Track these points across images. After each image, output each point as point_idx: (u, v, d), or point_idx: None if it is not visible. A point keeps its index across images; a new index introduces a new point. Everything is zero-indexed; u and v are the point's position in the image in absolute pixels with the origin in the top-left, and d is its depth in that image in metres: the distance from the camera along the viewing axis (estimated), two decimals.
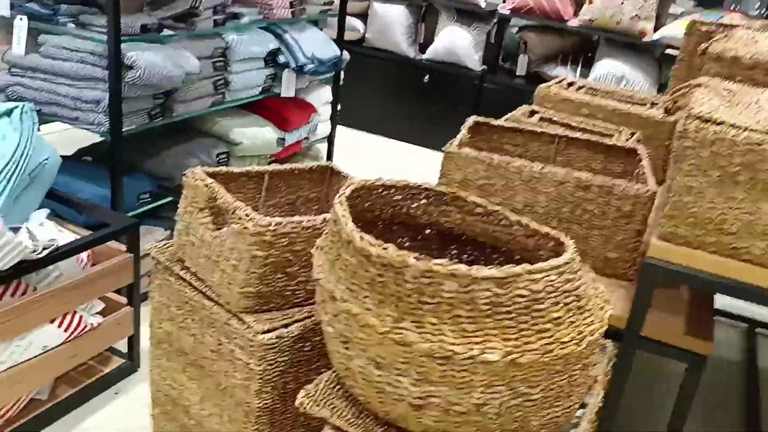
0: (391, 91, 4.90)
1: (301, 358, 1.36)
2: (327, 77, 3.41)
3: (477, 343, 0.91)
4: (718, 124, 1.34)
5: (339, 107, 3.62)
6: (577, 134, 1.86)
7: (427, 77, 4.71)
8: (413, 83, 4.77)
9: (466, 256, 1.29)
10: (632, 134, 2.07)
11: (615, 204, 1.55)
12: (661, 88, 4.29)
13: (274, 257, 1.30)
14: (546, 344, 0.94)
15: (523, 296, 0.92)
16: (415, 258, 0.93)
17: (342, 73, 3.55)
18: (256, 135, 2.92)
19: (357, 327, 0.97)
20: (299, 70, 3.04)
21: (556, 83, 2.51)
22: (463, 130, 1.79)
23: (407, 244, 1.32)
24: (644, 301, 1.46)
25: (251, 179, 1.57)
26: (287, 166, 1.62)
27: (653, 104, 2.47)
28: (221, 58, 2.66)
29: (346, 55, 3.48)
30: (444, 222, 1.28)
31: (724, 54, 1.75)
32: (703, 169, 1.36)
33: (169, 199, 2.56)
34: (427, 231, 1.31)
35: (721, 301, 2.58)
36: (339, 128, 3.69)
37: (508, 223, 1.22)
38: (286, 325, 1.34)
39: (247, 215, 1.28)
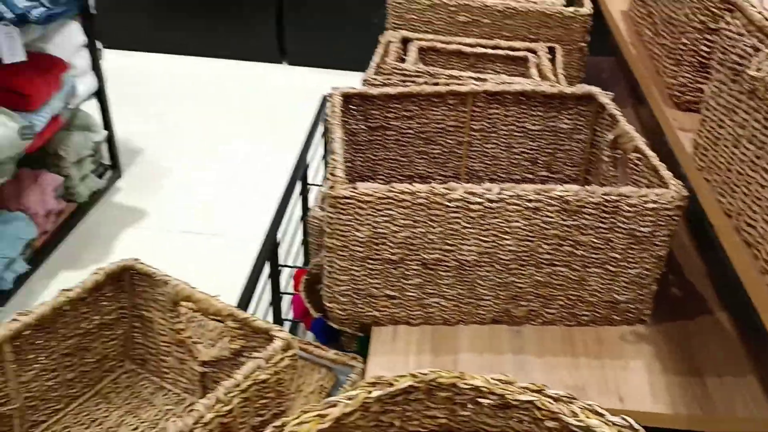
0: None
1: None
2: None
3: None
4: None
5: (100, 45, 2.56)
6: (498, 86, 1.27)
7: None
8: None
9: None
10: (550, 50, 1.57)
11: (624, 226, 0.98)
12: None
13: None
14: None
15: None
16: None
17: None
18: None
19: None
20: (21, 20, 1.94)
21: None
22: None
23: None
24: None
25: None
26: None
27: None
28: None
29: None
30: None
31: None
32: None
33: None
34: None
35: None
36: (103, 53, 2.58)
37: None
38: None
39: None
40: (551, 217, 0.97)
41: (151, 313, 1.01)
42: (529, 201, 0.96)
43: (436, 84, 1.33)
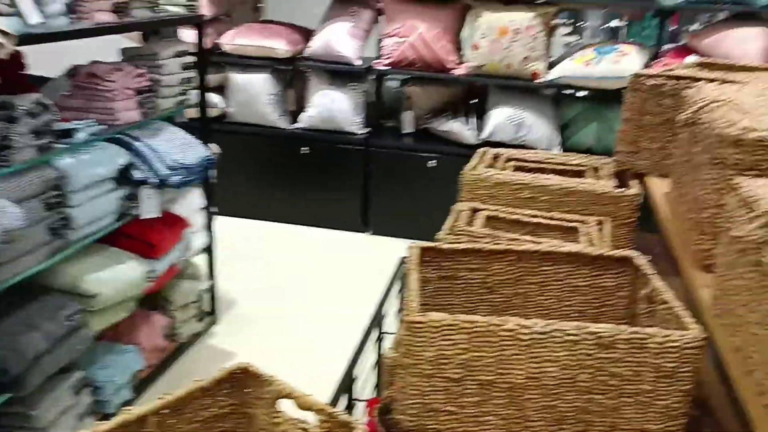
0: (267, 169, 4.32)
1: None
2: None
3: None
4: None
5: (214, 209, 3.05)
6: (549, 247, 1.54)
7: (306, 149, 4.22)
8: (291, 157, 4.23)
9: None
10: (599, 223, 1.85)
11: (652, 361, 1.17)
12: (563, 128, 4.02)
13: None
14: None
15: None
16: None
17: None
18: (117, 277, 2.24)
19: None
20: (161, 184, 2.39)
21: (479, 159, 2.23)
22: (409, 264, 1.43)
23: None
24: None
25: None
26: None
27: (595, 170, 2.24)
28: (55, 192, 2.01)
29: (216, 148, 2.87)
30: None
31: (730, 132, 1.31)
32: None
33: (7, 397, 1.87)
34: None
35: None
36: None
37: None
38: None
39: None
40: (588, 350, 1.17)
41: (254, 409, 1.24)
42: (569, 335, 1.17)
43: (498, 243, 1.60)
